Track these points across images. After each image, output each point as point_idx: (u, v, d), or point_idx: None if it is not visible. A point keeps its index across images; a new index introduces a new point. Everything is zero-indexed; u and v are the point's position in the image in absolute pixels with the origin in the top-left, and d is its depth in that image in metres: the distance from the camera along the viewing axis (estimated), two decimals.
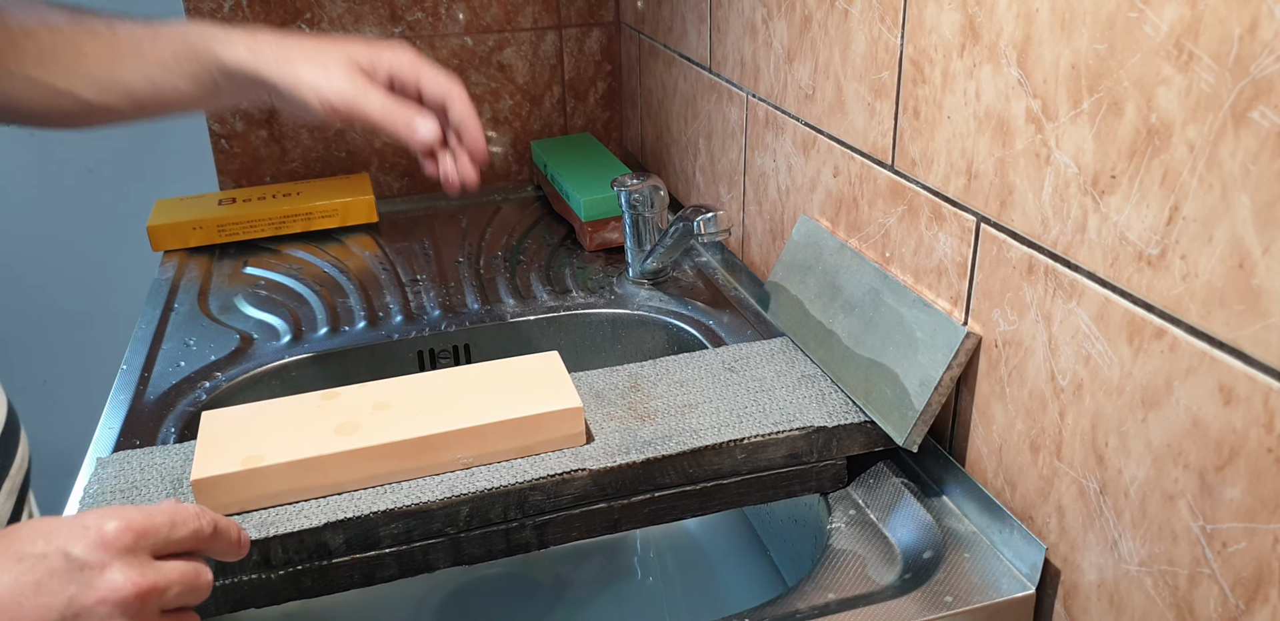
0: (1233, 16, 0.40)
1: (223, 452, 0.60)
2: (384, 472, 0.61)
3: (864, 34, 0.69)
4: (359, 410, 0.63)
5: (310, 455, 0.59)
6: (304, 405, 0.64)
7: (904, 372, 0.64)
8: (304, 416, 0.63)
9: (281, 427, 0.62)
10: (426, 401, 0.64)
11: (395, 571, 0.61)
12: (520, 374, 0.67)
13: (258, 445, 0.60)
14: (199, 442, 0.61)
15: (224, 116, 1.22)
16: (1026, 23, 0.52)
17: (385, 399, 0.64)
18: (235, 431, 0.62)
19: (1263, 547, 0.42)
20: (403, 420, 0.62)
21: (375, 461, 0.60)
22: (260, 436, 0.61)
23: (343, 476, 0.60)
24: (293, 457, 0.59)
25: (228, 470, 0.58)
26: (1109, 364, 0.50)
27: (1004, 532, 0.59)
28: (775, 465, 0.66)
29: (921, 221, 0.65)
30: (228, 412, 0.64)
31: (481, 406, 0.63)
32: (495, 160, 1.34)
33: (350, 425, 0.62)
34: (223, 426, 0.62)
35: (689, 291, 0.98)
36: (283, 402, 0.65)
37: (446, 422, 0.61)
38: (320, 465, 0.59)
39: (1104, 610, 0.53)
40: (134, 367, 0.86)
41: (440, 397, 0.64)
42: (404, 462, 0.61)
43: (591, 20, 1.30)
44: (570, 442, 0.63)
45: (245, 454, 0.59)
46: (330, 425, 0.62)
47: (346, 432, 0.61)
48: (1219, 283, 0.42)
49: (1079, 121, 0.49)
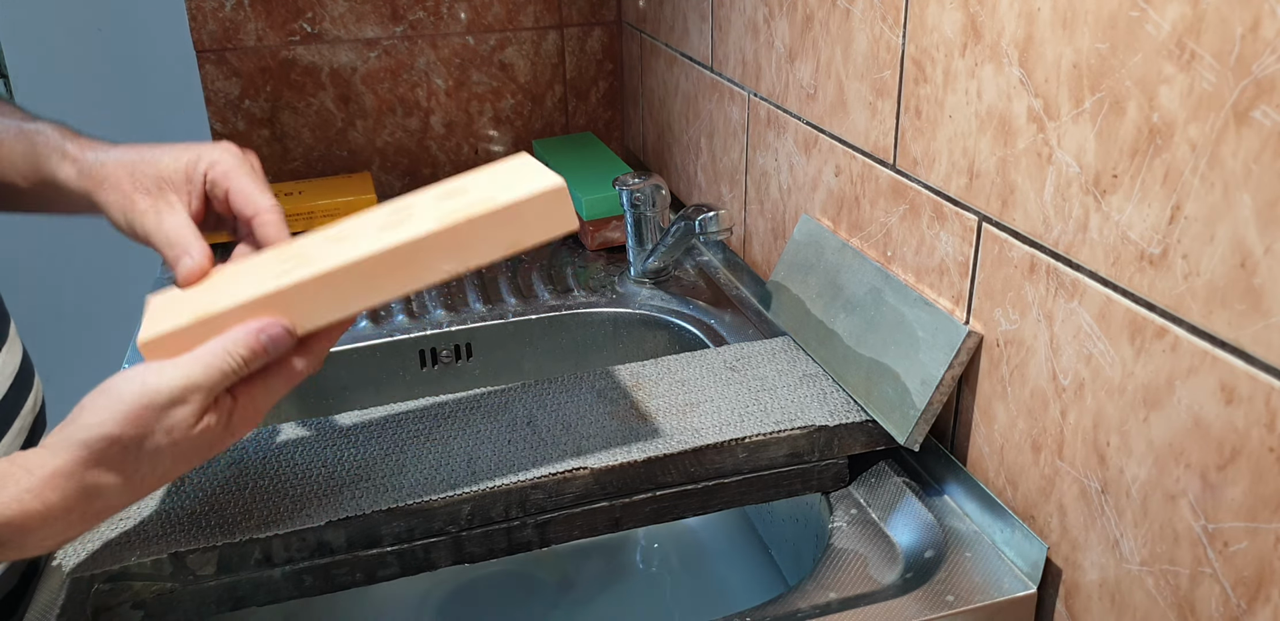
0: (1234, 16, 0.40)
1: (170, 313, 0.54)
2: (358, 297, 0.54)
3: (865, 33, 0.69)
4: (315, 245, 0.56)
5: (269, 290, 0.52)
6: (256, 260, 0.57)
7: (905, 372, 0.64)
8: (256, 266, 0.56)
9: (232, 281, 0.55)
10: (389, 220, 0.56)
11: (397, 570, 0.61)
12: (488, 175, 0.60)
13: (207, 299, 0.54)
14: (145, 314, 0.55)
15: (225, 115, 1.22)
16: (1028, 22, 0.52)
17: (342, 233, 0.57)
18: (181, 296, 0.56)
19: (1264, 547, 0.42)
20: (367, 241, 0.54)
21: (347, 286, 0.53)
22: (209, 292, 0.55)
23: (313, 312, 0.53)
24: (249, 297, 0.52)
25: (177, 325, 0.52)
26: (1110, 363, 0.50)
27: (1005, 532, 0.59)
28: (777, 464, 0.66)
29: (923, 221, 0.65)
30: (172, 290, 0.58)
31: (453, 208, 0.55)
32: (497, 159, 1.34)
33: (309, 258, 0.54)
34: (168, 297, 0.57)
35: (690, 290, 0.98)
36: (230, 264, 0.58)
37: (417, 230, 0.53)
38: (284, 300, 0.52)
39: (1105, 609, 0.53)
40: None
41: (405, 215, 0.56)
42: (379, 281, 0.54)
43: (593, 19, 1.30)
44: (558, 228, 0.56)
45: (194, 308, 0.53)
46: (286, 264, 0.55)
47: (307, 263, 0.54)
48: (1221, 282, 0.42)
49: (1081, 121, 0.49)
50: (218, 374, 0.50)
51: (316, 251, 0.55)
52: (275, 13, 1.19)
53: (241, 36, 1.19)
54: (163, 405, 0.48)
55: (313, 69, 1.22)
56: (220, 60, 1.20)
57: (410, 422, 0.67)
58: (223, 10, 1.17)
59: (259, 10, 1.18)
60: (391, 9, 1.22)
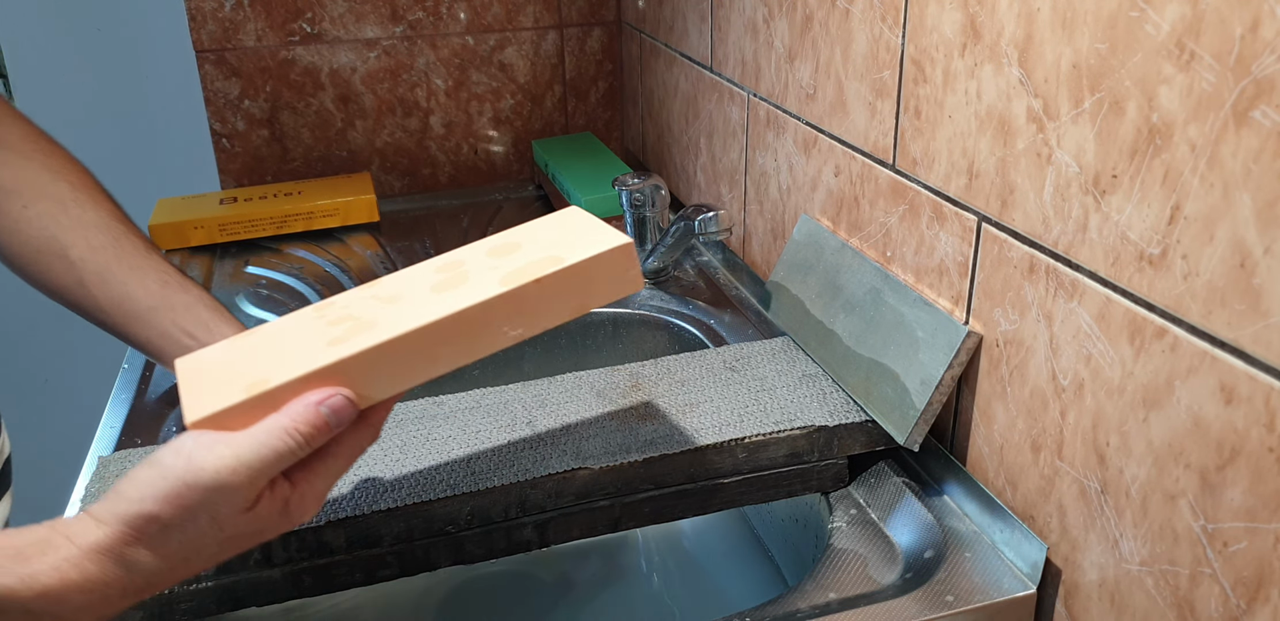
0: (1234, 16, 0.40)
1: (214, 383, 0.48)
2: (422, 367, 0.50)
3: (865, 33, 0.69)
4: (365, 306, 0.52)
5: (330, 361, 0.47)
6: (297, 320, 0.53)
7: (905, 372, 0.64)
8: (301, 329, 0.52)
9: (278, 347, 0.51)
10: (442, 279, 0.52)
11: (396, 570, 0.61)
12: (541, 230, 0.56)
13: (257, 369, 0.49)
14: (181, 388, 0.50)
15: (225, 116, 1.22)
16: (1028, 22, 0.52)
17: (391, 292, 0.53)
18: (222, 365, 0.51)
19: (1264, 547, 0.42)
20: (426, 304, 0.50)
21: (410, 355, 0.49)
22: (255, 361, 0.50)
23: (375, 383, 0.49)
24: (309, 369, 0.47)
25: (229, 402, 0.46)
26: (1110, 363, 0.50)
27: (1005, 532, 0.59)
28: (776, 464, 0.66)
29: (923, 221, 0.65)
30: (205, 353, 0.53)
31: (515, 267, 0.51)
32: (496, 159, 1.34)
33: (364, 322, 0.50)
34: (204, 365, 0.51)
35: (690, 291, 0.98)
36: (268, 326, 0.54)
37: (480, 292, 0.50)
38: (344, 371, 0.48)
39: (1105, 609, 0.53)
40: (135, 367, 0.86)
41: (458, 273, 0.53)
42: (444, 349, 0.50)
43: (592, 19, 1.30)
44: (626, 288, 0.53)
45: (244, 382, 0.48)
46: (338, 328, 0.50)
47: (364, 329, 0.49)
48: (1220, 282, 0.42)
49: (1080, 121, 0.49)
50: (273, 456, 0.46)
51: (369, 313, 0.51)
52: (275, 13, 1.19)
53: (241, 37, 1.19)
54: (208, 486, 0.45)
55: (312, 69, 1.22)
56: (220, 60, 1.20)
57: (410, 422, 0.67)
58: (222, 10, 1.17)
59: (258, 10, 1.18)
60: (391, 9, 1.22)
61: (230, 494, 0.45)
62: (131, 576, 0.45)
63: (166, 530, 0.45)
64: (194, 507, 0.45)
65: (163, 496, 0.44)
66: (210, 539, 0.46)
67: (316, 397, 0.47)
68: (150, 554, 0.45)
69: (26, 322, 1.45)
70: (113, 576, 0.44)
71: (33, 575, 0.43)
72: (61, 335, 1.46)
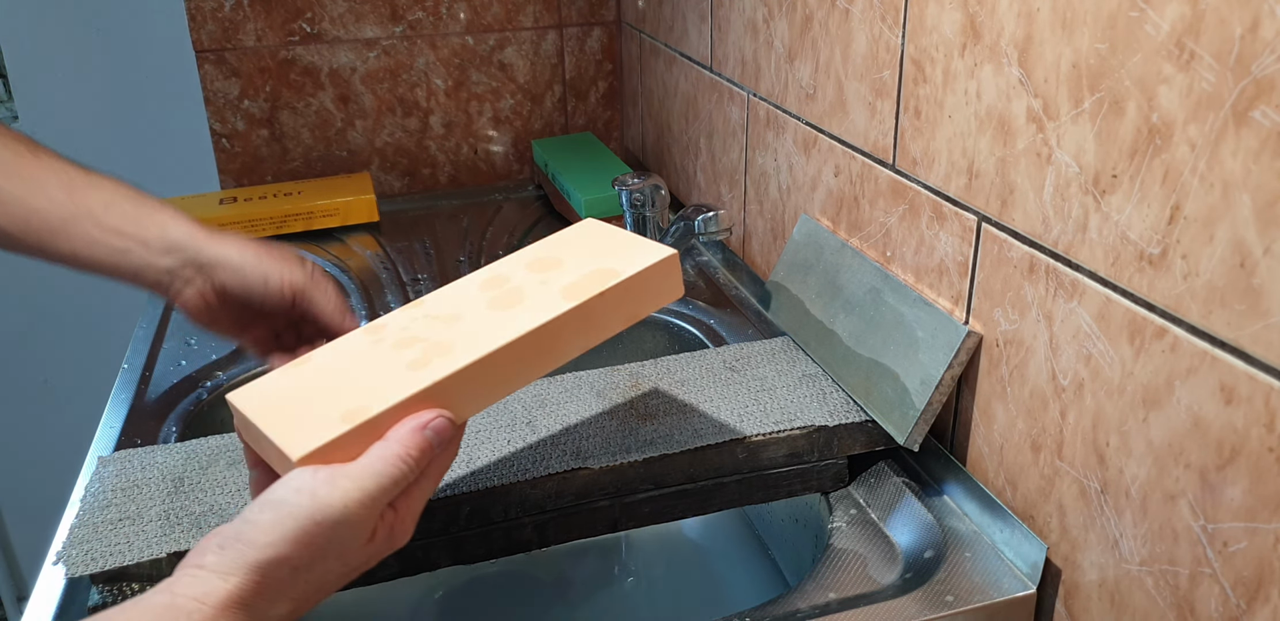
0: (1234, 16, 0.40)
1: (304, 421, 0.47)
2: (504, 383, 0.51)
3: (865, 33, 0.69)
4: (428, 328, 0.53)
5: (424, 385, 0.48)
6: (353, 345, 0.53)
7: (905, 372, 0.64)
8: (365, 354, 0.52)
9: (350, 374, 0.51)
10: (497, 297, 0.54)
11: (395, 570, 0.61)
12: (575, 244, 0.58)
13: (341, 399, 0.48)
14: (261, 424, 0.48)
15: (225, 116, 1.22)
16: (1028, 22, 0.52)
17: (446, 311, 0.54)
18: (293, 397, 0.50)
19: (1264, 547, 0.42)
20: (494, 322, 0.51)
21: (494, 373, 0.50)
22: (333, 390, 0.49)
23: (465, 403, 0.50)
24: (405, 394, 0.48)
25: (332, 435, 0.46)
26: (1110, 363, 0.50)
27: (1005, 532, 0.59)
28: (776, 464, 0.66)
29: (922, 221, 0.65)
30: (259, 385, 0.52)
31: (571, 283, 0.53)
32: (496, 159, 1.34)
33: (438, 344, 0.51)
34: (270, 398, 0.50)
35: (690, 291, 0.98)
36: (321, 353, 0.53)
37: (548, 309, 0.51)
38: (438, 394, 0.48)
39: (1105, 609, 0.53)
40: (135, 367, 0.86)
41: (509, 289, 0.54)
42: (521, 366, 0.51)
43: (592, 19, 1.30)
44: (672, 295, 0.56)
45: (336, 412, 0.47)
46: (411, 351, 0.51)
47: (443, 351, 0.50)
48: (1220, 282, 0.42)
49: (1080, 121, 0.49)
50: (391, 484, 0.45)
51: (436, 334, 0.52)
52: (274, 13, 1.19)
53: (241, 36, 1.19)
54: (337, 522, 0.43)
55: (312, 69, 1.22)
56: (219, 60, 1.20)
57: None
58: (222, 10, 1.17)
59: (258, 10, 1.18)
60: (391, 9, 1.22)
61: (356, 527, 0.44)
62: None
63: (295, 572, 0.43)
64: (323, 546, 0.44)
65: (292, 538, 0.43)
66: (334, 574, 0.45)
67: (419, 422, 0.47)
68: (281, 599, 0.43)
69: (26, 323, 1.45)
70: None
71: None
72: (61, 335, 1.46)
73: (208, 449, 0.66)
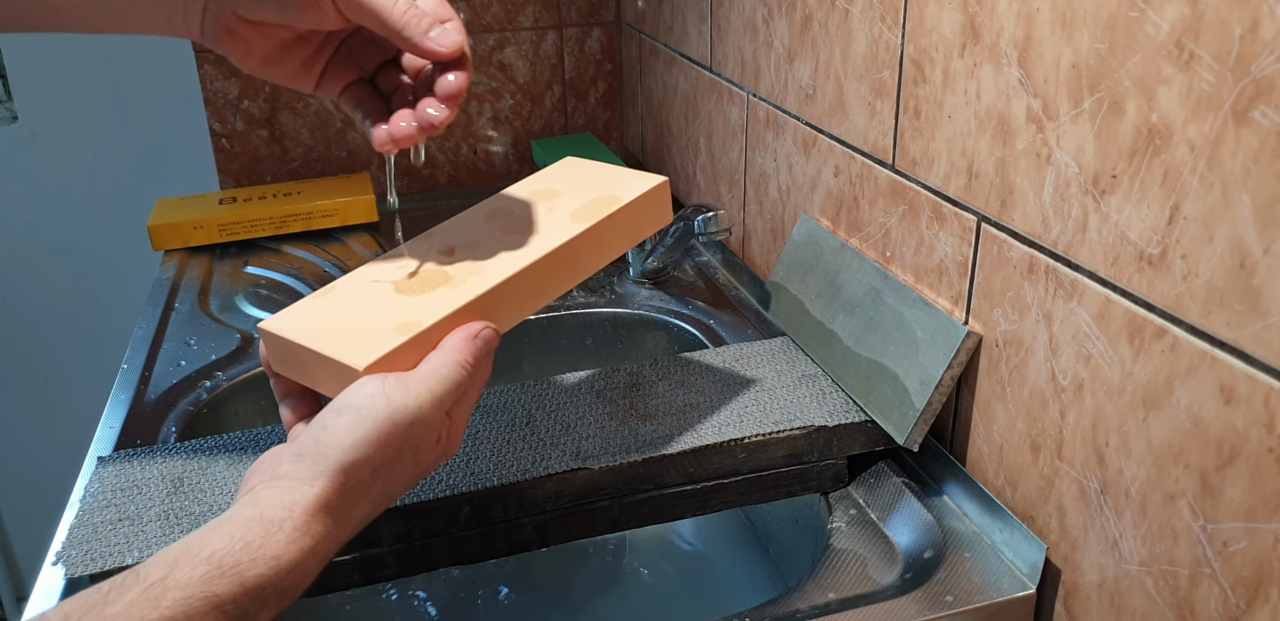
0: (1233, 16, 0.40)
1: (356, 336, 0.50)
2: (533, 298, 0.55)
3: (864, 33, 0.69)
4: (450, 253, 0.56)
5: (467, 300, 0.51)
6: (377, 272, 0.55)
7: (904, 372, 0.64)
8: (396, 276, 0.55)
9: (384, 296, 0.53)
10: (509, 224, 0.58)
11: (395, 570, 0.61)
12: (565, 177, 0.62)
13: (386, 316, 0.51)
14: (311, 343, 0.50)
15: (224, 116, 1.22)
16: (1027, 22, 0.52)
17: (463, 240, 0.57)
18: (333, 321, 0.52)
19: (1263, 547, 0.42)
20: (517, 244, 0.55)
21: (527, 287, 0.54)
22: (373, 310, 0.52)
23: (499, 315, 0.53)
24: (451, 308, 0.51)
25: (392, 345, 0.48)
26: (1110, 363, 0.50)
27: (1005, 532, 0.59)
28: (776, 464, 0.66)
29: (922, 221, 0.65)
30: (290, 315, 0.53)
31: (578, 208, 0.58)
32: (496, 159, 1.34)
33: (469, 265, 0.54)
34: (310, 323, 0.52)
35: (689, 291, 0.98)
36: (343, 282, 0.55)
37: (565, 229, 0.56)
38: (480, 307, 0.52)
39: (1105, 610, 0.53)
40: (135, 367, 0.86)
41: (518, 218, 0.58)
42: (548, 283, 0.55)
43: (592, 20, 1.30)
44: (663, 221, 0.61)
45: (387, 326, 0.50)
46: (441, 271, 0.54)
47: (476, 270, 0.53)
48: (1220, 282, 0.42)
49: (1080, 121, 0.49)
50: (455, 388, 0.48)
51: (462, 256, 0.55)
52: None
53: None
54: (413, 421, 0.46)
55: None
56: (219, 60, 1.20)
57: None
58: None
59: None
60: None
61: (429, 427, 0.46)
62: (345, 527, 0.45)
63: (375, 472, 0.45)
64: (401, 444, 0.45)
65: (373, 439, 0.44)
66: (408, 474, 0.47)
67: (470, 332, 0.50)
68: (361, 500, 0.45)
69: (26, 323, 1.45)
70: (333, 531, 0.44)
71: (276, 557, 0.41)
72: (61, 335, 1.46)
73: (207, 449, 0.66)
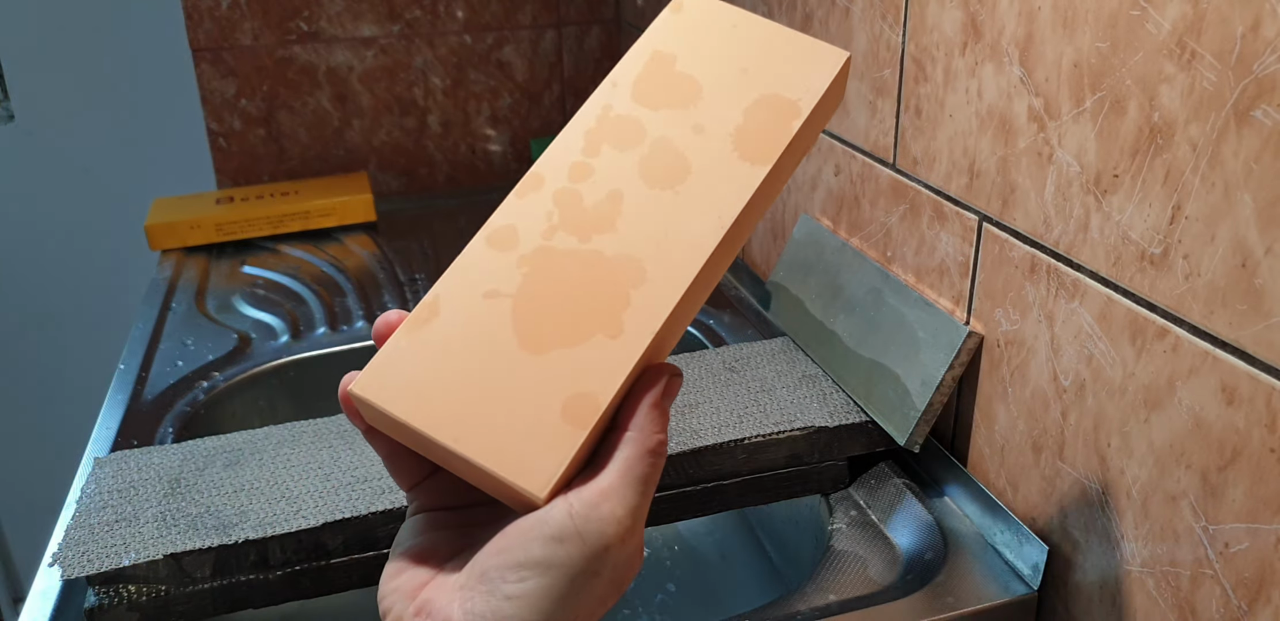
0: (1235, 15, 0.39)
1: (512, 428, 0.35)
2: (700, 297, 0.39)
3: (865, 32, 0.68)
4: (582, 235, 0.38)
5: (642, 348, 0.36)
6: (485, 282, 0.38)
7: (905, 373, 0.64)
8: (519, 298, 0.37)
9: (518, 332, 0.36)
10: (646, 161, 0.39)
11: None
12: (700, 48, 0.41)
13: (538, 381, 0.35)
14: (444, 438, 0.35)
15: (221, 115, 1.22)
16: (1029, 21, 0.52)
17: (593, 195, 0.39)
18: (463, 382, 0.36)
19: (1265, 548, 0.42)
20: (674, 210, 0.38)
21: (698, 291, 0.38)
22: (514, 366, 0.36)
23: (668, 340, 0.38)
24: (625, 367, 0.35)
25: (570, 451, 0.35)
26: (1111, 364, 0.50)
27: (1006, 533, 0.59)
28: (776, 466, 0.65)
29: (923, 220, 0.65)
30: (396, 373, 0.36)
31: (740, 127, 0.39)
32: (495, 158, 1.33)
33: (619, 262, 0.37)
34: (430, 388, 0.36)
35: None
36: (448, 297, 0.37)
37: (737, 179, 0.38)
38: (655, 345, 0.37)
39: (1106, 611, 0.53)
40: (131, 367, 0.86)
41: (660, 149, 0.39)
42: (716, 270, 0.39)
43: (591, 18, 1.30)
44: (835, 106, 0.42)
45: (550, 406, 0.35)
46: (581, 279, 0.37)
47: (634, 278, 0.37)
48: (1221, 282, 0.42)
49: (1081, 120, 0.49)
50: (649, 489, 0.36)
51: (603, 245, 0.38)
52: (271, 12, 1.18)
53: (238, 35, 1.19)
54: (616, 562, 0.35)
55: (309, 68, 1.22)
56: (216, 59, 1.19)
57: None
58: (219, 9, 1.17)
59: (255, 9, 1.18)
60: (388, 8, 1.22)
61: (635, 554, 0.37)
62: None
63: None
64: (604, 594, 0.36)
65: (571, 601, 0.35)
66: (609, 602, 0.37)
67: (653, 397, 0.37)
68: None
69: (24, 323, 1.44)
70: None
71: None
72: (58, 335, 1.46)
73: (204, 450, 0.66)
